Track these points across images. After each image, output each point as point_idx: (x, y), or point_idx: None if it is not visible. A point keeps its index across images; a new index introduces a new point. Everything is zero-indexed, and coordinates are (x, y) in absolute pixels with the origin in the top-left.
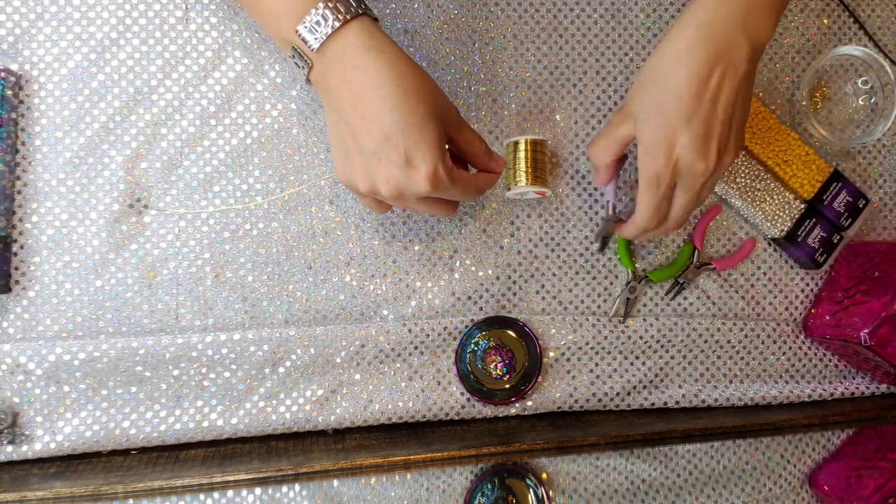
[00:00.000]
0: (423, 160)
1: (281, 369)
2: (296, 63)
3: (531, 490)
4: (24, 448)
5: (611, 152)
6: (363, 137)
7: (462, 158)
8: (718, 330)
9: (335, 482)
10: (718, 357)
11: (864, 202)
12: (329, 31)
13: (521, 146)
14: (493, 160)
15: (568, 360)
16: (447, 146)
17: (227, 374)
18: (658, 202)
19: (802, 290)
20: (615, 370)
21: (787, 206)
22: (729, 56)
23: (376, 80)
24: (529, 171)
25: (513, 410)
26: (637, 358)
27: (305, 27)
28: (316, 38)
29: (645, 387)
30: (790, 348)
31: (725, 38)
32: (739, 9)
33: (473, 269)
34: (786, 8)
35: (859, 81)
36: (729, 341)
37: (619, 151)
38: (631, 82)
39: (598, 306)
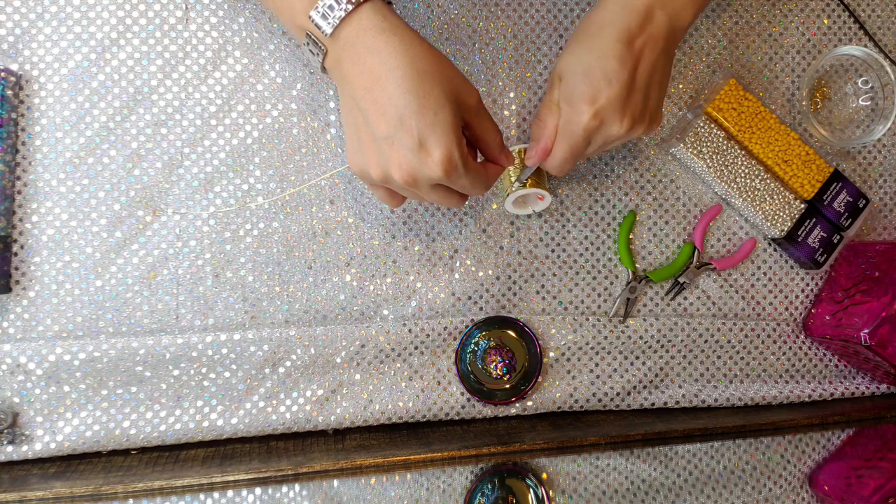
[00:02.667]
0: (437, 144)
1: (281, 369)
2: (310, 50)
3: (531, 490)
4: (24, 448)
5: (550, 120)
6: (376, 122)
7: (475, 146)
8: (718, 330)
9: (335, 482)
10: (718, 357)
11: (864, 202)
12: (342, 14)
13: (516, 155)
14: (503, 153)
15: (568, 360)
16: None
17: (227, 374)
18: (572, 153)
19: (802, 290)
20: (615, 370)
21: (787, 206)
22: (650, 29)
23: (389, 62)
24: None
25: (513, 410)
26: (637, 358)
27: (318, 12)
28: (329, 23)
29: (645, 387)
30: (790, 348)
31: (647, 12)
32: None
33: (473, 269)
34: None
35: (859, 81)
36: (729, 341)
37: (556, 118)
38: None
39: (598, 306)
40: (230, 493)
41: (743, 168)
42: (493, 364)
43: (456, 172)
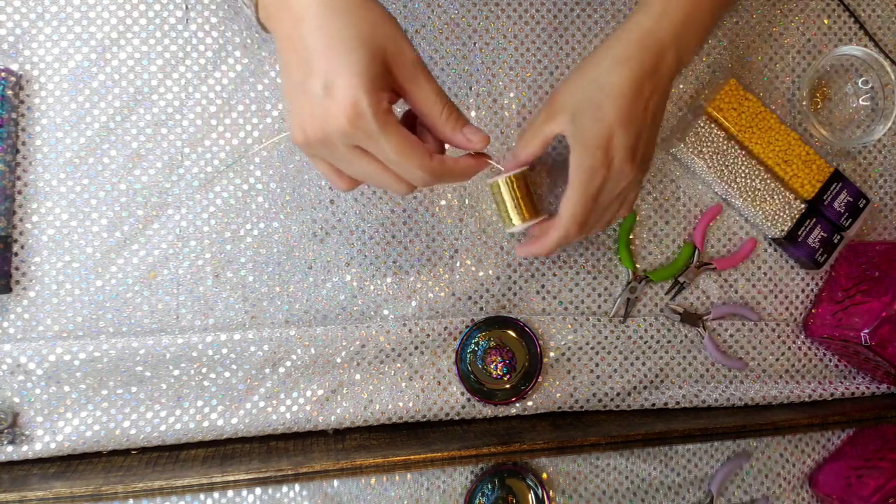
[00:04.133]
0: (342, 86)
1: (281, 369)
2: (244, 4)
3: (531, 490)
4: (24, 448)
5: (535, 149)
6: (294, 68)
7: (422, 122)
8: (720, 329)
9: (335, 482)
10: None
11: (864, 202)
12: None
13: (502, 187)
14: (462, 131)
15: (568, 360)
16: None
17: (227, 374)
18: (589, 199)
19: (802, 290)
20: (615, 370)
21: (787, 206)
22: (662, 70)
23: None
24: (521, 208)
25: (513, 410)
26: (637, 358)
27: None
28: None
29: (645, 387)
30: (790, 348)
31: (661, 51)
32: (677, 25)
33: (473, 269)
34: (709, 35)
35: (859, 81)
36: (725, 341)
37: (543, 148)
38: (560, 81)
39: (599, 306)
40: (230, 493)
41: (743, 168)
42: (494, 364)
43: (366, 125)
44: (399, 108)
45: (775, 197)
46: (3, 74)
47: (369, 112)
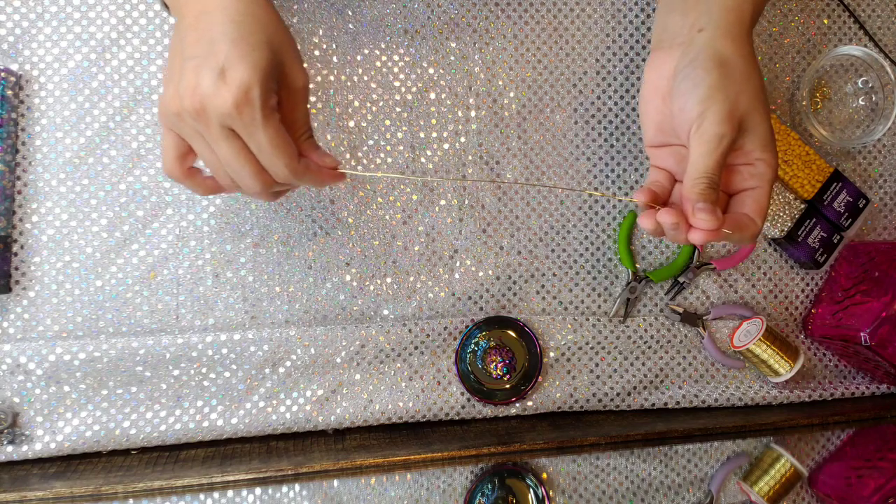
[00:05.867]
0: (239, 73)
1: (281, 369)
2: None
3: (531, 490)
4: (24, 448)
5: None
6: (190, 44)
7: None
8: (718, 330)
9: (335, 482)
10: None
11: (864, 202)
12: None
13: (756, 349)
14: (315, 150)
15: (568, 360)
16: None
17: (227, 374)
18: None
19: (802, 290)
20: (615, 370)
21: (787, 206)
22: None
23: None
24: (782, 357)
25: (513, 410)
26: (637, 358)
27: None
28: None
29: (645, 387)
30: None
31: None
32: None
33: (473, 269)
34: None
35: (859, 81)
36: (726, 341)
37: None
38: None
39: (598, 306)
40: (230, 493)
41: None
42: (493, 364)
43: (251, 113)
44: None
45: (775, 197)
46: (3, 74)
47: (258, 102)
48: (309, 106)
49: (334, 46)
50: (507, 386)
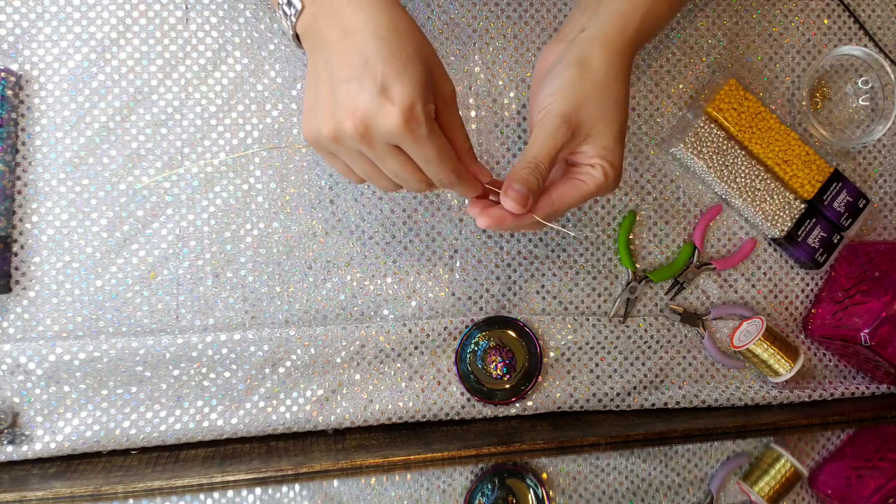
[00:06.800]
0: (402, 91)
1: (281, 369)
2: (283, 12)
3: (531, 490)
4: (24, 448)
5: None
6: (339, 68)
7: None
8: (718, 330)
9: (335, 482)
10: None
11: (864, 202)
12: None
13: (756, 349)
14: (475, 162)
15: (568, 360)
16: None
17: (227, 374)
18: (578, 205)
19: (802, 290)
20: (615, 370)
21: (787, 206)
22: None
23: (368, 12)
24: (782, 357)
25: (513, 410)
26: (637, 358)
27: None
28: None
29: (645, 387)
30: None
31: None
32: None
33: (473, 269)
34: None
35: (859, 81)
36: (726, 341)
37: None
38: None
39: (598, 306)
40: (230, 493)
41: (743, 168)
42: (493, 364)
43: (418, 129)
44: None
45: (775, 197)
46: (3, 74)
47: (423, 117)
48: None
49: None
50: (507, 386)
